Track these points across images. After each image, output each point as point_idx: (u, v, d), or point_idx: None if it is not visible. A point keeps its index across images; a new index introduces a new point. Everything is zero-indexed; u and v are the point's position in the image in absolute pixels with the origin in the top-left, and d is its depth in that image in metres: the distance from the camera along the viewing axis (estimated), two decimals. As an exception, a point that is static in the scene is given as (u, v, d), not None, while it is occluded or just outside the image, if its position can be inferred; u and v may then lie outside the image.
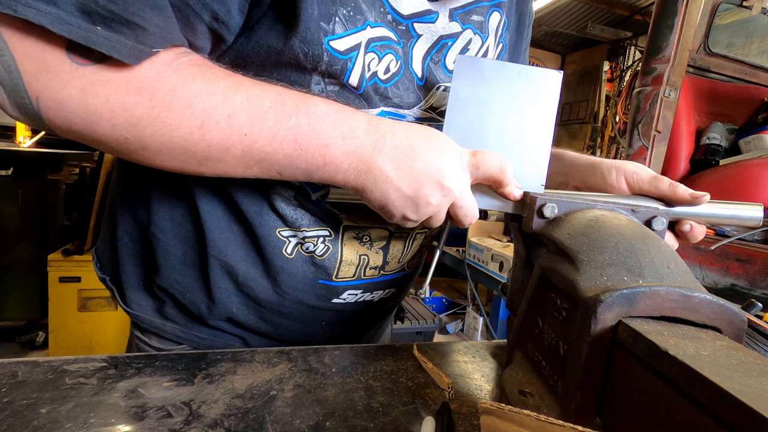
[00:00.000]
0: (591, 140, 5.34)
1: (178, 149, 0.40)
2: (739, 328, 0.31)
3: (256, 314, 0.61)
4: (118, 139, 0.39)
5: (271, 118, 0.41)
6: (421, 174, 0.44)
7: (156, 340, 0.62)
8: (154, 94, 0.38)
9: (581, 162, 0.62)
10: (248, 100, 0.41)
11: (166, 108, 0.38)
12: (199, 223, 0.55)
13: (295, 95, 0.43)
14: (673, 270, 0.35)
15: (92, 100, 0.37)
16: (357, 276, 0.61)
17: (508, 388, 0.43)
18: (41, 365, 0.44)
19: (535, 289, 0.43)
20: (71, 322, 2.31)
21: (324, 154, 0.43)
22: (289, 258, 0.57)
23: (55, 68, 0.35)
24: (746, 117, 2.13)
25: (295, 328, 0.63)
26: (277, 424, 0.38)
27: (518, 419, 0.26)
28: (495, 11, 0.58)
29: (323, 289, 0.60)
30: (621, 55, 5.24)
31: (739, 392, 0.21)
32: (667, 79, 1.76)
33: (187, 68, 0.40)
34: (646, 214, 0.47)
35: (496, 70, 0.50)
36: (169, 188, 0.56)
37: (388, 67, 0.50)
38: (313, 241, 0.56)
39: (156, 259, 0.58)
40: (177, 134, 0.39)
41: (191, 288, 0.58)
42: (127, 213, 0.60)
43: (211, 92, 0.39)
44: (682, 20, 1.74)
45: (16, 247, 2.54)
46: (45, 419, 0.36)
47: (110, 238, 0.63)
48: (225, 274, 0.57)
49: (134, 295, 0.61)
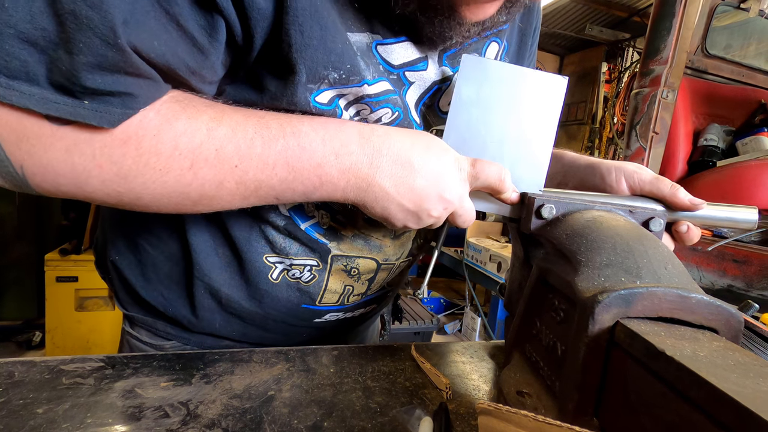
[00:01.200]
0: (589, 141, 5.35)
1: (172, 193, 0.40)
2: (735, 329, 0.32)
3: (240, 329, 0.61)
4: (110, 194, 0.38)
5: (258, 144, 0.40)
6: (423, 190, 0.44)
7: (146, 334, 0.62)
8: (139, 141, 0.37)
9: (581, 163, 0.62)
10: (232, 130, 0.39)
11: (153, 154, 0.37)
12: (186, 244, 0.55)
13: (277, 117, 0.42)
14: (671, 271, 0.35)
15: (78, 158, 0.36)
16: (340, 302, 0.62)
17: (506, 388, 0.43)
18: (38, 365, 0.44)
19: (533, 290, 0.43)
20: (68, 321, 2.30)
21: (319, 174, 0.42)
22: (274, 283, 0.57)
23: (35, 133, 0.34)
24: (743, 119, 2.13)
25: (278, 340, 0.64)
26: (275, 425, 0.38)
27: (516, 420, 0.26)
28: (493, 41, 0.56)
29: (306, 312, 0.61)
30: (619, 56, 5.26)
31: (735, 393, 0.21)
32: (664, 81, 1.77)
33: (169, 107, 0.38)
34: (643, 215, 0.47)
35: (501, 72, 0.50)
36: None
37: (380, 119, 0.49)
38: (299, 269, 0.56)
39: (144, 271, 0.59)
40: (168, 178, 0.38)
41: (175, 303, 0.59)
42: (117, 224, 0.60)
43: (196, 128, 0.38)
44: (680, 22, 1.74)
45: (13, 246, 2.54)
46: (42, 419, 0.36)
47: (103, 245, 0.64)
48: (209, 295, 0.57)
49: (125, 297, 0.62)
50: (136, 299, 0.61)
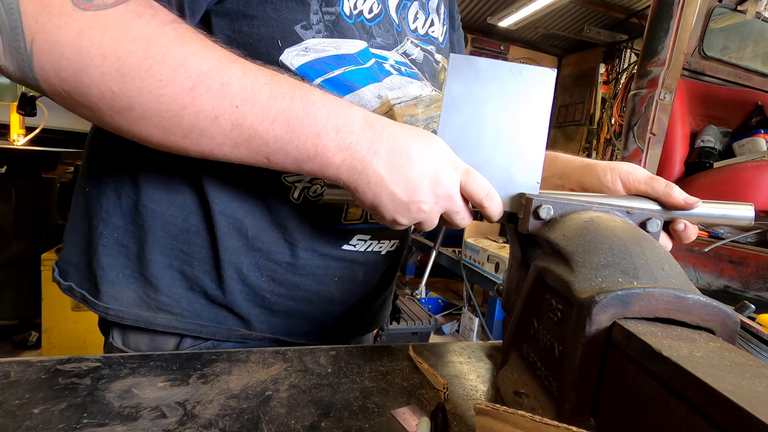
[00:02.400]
0: (587, 142, 5.36)
1: (164, 112, 0.39)
2: (732, 329, 0.32)
3: (269, 275, 0.58)
4: (104, 92, 0.38)
5: (265, 95, 0.40)
6: (417, 180, 0.44)
7: (145, 339, 0.57)
8: (149, 45, 0.37)
9: (576, 164, 0.62)
10: (244, 72, 0.40)
11: (158, 62, 0.37)
12: (199, 184, 0.54)
13: (290, 79, 0.42)
14: (668, 272, 0.35)
15: (86, 43, 0.36)
16: (364, 219, 0.61)
17: (503, 388, 0.43)
18: (34, 365, 0.44)
19: (531, 290, 0.43)
20: (65, 321, 2.29)
21: (316, 144, 0.42)
22: (296, 203, 0.56)
23: (57, 10, 0.35)
24: (740, 120, 2.14)
25: (308, 286, 0.60)
26: (272, 425, 0.38)
27: (513, 420, 0.26)
28: None
29: (333, 233, 0.59)
30: (617, 57, 5.28)
31: (731, 393, 0.21)
32: (662, 82, 1.77)
33: (186, 31, 0.39)
34: (640, 216, 0.47)
35: (490, 69, 0.51)
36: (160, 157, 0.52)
37: (371, 8, 0.52)
38: (320, 183, 0.56)
39: (150, 236, 0.55)
40: (166, 92, 0.38)
41: (198, 256, 0.56)
42: (104, 199, 0.56)
43: (208, 56, 0.39)
44: (678, 24, 1.75)
45: (10, 245, 2.52)
46: (38, 419, 0.36)
47: (79, 238, 0.59)
48: (233, 232, 0.55)
49: (113, 290, 0.56)
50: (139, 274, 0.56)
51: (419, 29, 0.60)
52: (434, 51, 0.62)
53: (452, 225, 0.50)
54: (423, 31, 0.60)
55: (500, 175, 0.50)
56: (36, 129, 2.81)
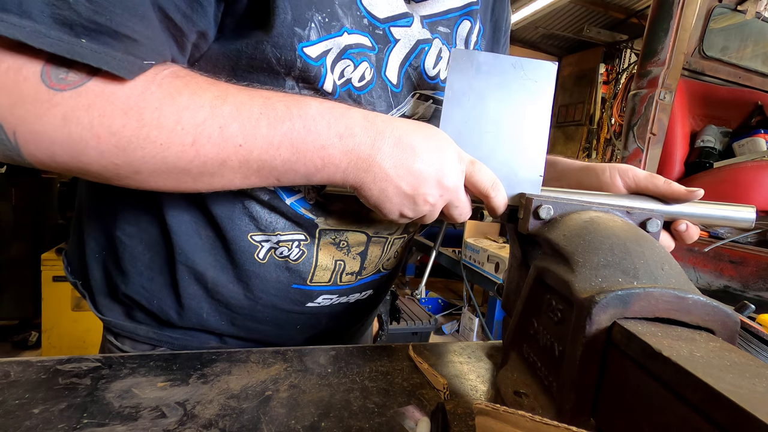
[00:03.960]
0: (587, 142, 5.36)
1: (173, 169, 0.39)
2: (732, 329, 0.32)
3: (228, 320, 0.59)
4: (107, 167, 0.37)
5: (264, 125, 0.40)
6: (421, 173, 0.44)
7: (129, 344, 0.60)
8: (140, 113, 0.36)
9: (575, 166, 0.62)
10: (237, 108, 0.39)
11: (155, 127, 0.36)
12: (166, 228, 0.54)
13: (284, 98, 0.42)
14: (667, 271, 0.35)
15: (75, 127, 0.34)
16: (333, 282, 0.60)
17: (503, 388, 0.43)
18: (34, 365, 0.44)
19: (531, 290, 0.43)
20: (65, 321, 2.29)
21: (322, 156, 0.42)
22: (261, 263, 0.55)
23: (31, 98, 0.33)
24: (740, 120, 2.14)
25: (268, 332, 0.62)
26: (272, 425, 0.38)
27: (513, 420, 0.26)
28: (465, 20, 0.57)
29: (297, 293, 0.59)
30: (617, 57, 5.28)
31: (731, 393, 0.21)
32: (662, 82, 1.77)
33: (171, 81, 0.38)
34: (640, 216, 0.47)
35: (491, 63, 0.51)
36: (133, 193, 0.54)
37: (363, 75, 0.49)
38: (287, 245, 0.55)
39: (122, 265, 0.56)
40: (169, 153, 0.37)
41: (159, 294, 0.57)
42: (93, 217, 0.58)
43: (199, 105, 0.38)
44: (678, 24, 1.75)
45: (10, 245, 2.52)
46: (38, 419, 0.36)
47: (78, 243, 0.61)
48: (194, 281, 0.56)
49: (104, 300, 0.60)
50: (115, 298, 0.59)
51: (441, 73, 0.56)
52: None
53: (450, 219, 0.50)
54: (445, 75, 0.56)
55: (502, 169, 0.50)
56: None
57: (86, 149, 0.36)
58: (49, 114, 0.34)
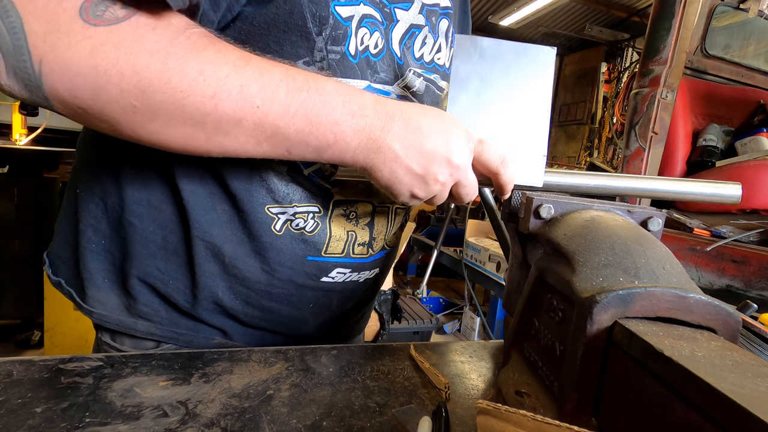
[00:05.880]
0: (588, 141, 5.35)
1: (188, 119, 0.39)
2: (734, 329, 0.32)
3: (243, 299, 0.59)
4: (125, 108, 0.37)
5: (283, 91, 0.41)
6: (430, 153, 0.45)
7: (129, 342, 0.59)
8: (166, 57, 0.37)
9: None
10: (259, 71, 0.40)
11: (177, 73, 0.37)
12: (181, 204, 0.53)
13: (302, 72, 0.43)
14: (669, 271, 0.35)
15: (101, 61, 0.35)
16: (346, 253, 0.61)
17: (505, 388, 0.43)
18: (36, 364, 0.44)
19: (532, 290, 0.43)
20: (67, 320, 2.30)
21: (335, 132, 0.43)
22: (277, 235, 0.56)
23: (66, 28, 0.34)
24: (742, 119, 2.14)
25: (282, 311, 0.61)
26: (274, 424, 0.38)
27: (515, 419, 0.26)
28: (443, 18, 0.61)
29: (312, 266, 0.59)
30: (619, 56, 5.26)
31: (733, 393, 0.21)
32: (664, 81, 1.77)
33: (199, 38, 0.39)
34: (642, 215, 0.47)
35: (493, 48, 0.53)
36: (144, 171, 0.54)
37: (376, 44, 0.52)
38: (303, 217, 0.56)
39: (131, 249, 0.56)
40: (188, 102, 0.38)
41: (174, 274, 0.56)
42: (92, 204, 0.57)
43: (223, 61, 0.39)
44: (680, 22, 1.74)
45: (12, 245, 2.53)
46: (40, 418, 0.36)
47: (69, 236, 0.60)
48: (211, 256, 0.56)
49: (98, 294, 0.58)
50: (119, 287, 0.57)
51: (425, 56, 0.60)
52: (438, 79, 0.62)
53: (458, 199, 0.50)
54: (429, 58, 0.60)
55: (508, 149, 0.52)
56: (38, 129, 2.81)
57: (108, 85, 0.36)
58: (79, 45, 0.35)
